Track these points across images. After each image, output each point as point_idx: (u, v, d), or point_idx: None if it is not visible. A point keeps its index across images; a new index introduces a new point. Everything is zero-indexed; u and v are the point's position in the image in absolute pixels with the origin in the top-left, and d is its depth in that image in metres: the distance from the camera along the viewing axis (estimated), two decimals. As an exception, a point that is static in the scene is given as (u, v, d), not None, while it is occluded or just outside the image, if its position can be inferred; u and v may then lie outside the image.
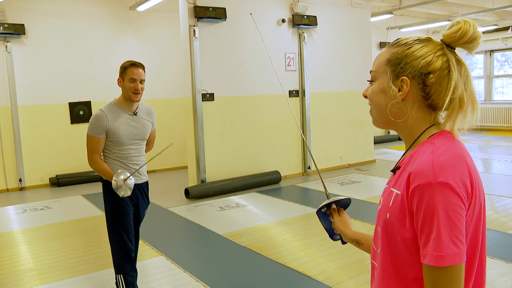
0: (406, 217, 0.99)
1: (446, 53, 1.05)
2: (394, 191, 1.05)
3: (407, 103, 1.07)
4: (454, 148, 1.02)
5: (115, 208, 2.81)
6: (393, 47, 1.11)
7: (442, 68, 1.04)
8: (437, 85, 1.04)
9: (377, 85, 1.12)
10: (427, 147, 1.03)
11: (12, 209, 6.07)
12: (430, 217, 0.93)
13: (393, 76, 1.08)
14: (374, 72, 1.14)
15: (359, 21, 8.47)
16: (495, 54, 13.68)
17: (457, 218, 0.93)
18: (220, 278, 3.60)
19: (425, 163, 0.97)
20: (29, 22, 7.34)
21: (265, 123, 7.37)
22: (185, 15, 6.50)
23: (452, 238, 0.92)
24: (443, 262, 0.92)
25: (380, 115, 1.13)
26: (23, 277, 3.72)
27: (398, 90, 1.07)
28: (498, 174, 7.31)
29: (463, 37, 1.03)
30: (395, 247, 1.04)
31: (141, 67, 2.81)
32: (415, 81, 1.05)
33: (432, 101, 1.06)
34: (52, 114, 7.65)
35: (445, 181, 0.94)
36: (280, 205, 5.84)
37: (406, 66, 1.06)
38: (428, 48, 1.05)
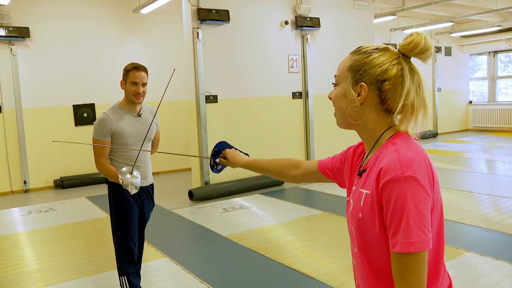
0: (375, 213, 1.08)
1: (401, 62, 1.14)
2: (363, 192, 1.13)
3: (365, 107, 1.16)
4: (415, 146, 1.11)
5: (120, 210, 2.82)
6: (354, 54, 1.19)
7: (396, 76, 1.12)
8: (391, 91, 1.13)
9: (339, 89, 1.21)
10: (390, 147, 1.11)
11: (17, 211, 6.09)
12: (399, 208, 1.02)
13: (353, 81, 1.17)
14: (338, 77, 1.22)
15: (362, 22, 8.48)
16: (499, 55, 13.64)
17: (423, 208, 1.02)
18: (224, 279, 3.61)
19: (392, 160, 1.06)
20: (34, 25, 7.38)
21: (268, 125, 7.37)
22: (189, 18, 6.52)
23: (420, 226, 1.01)
24: (413, 248, 1.00)
25: (342, 117, 1.22)
26: (28, 279, 3.73)
27: (357, 95, 1.16)
28: (502, 176, 7.29)
29: (415, 48, 1.12)
30: (369, 244, 1.13)
31: (144, 70, 2.81)
32: (372, 87, 1.14)
33: (388, 105, 1.15)
34: (56, 116, 7.68)
35: (412, 175, 1.03)
36: (283, 207, 5.84)
37: (365, 73, 1.15)
38: (385, 57, 1.14)
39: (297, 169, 1.60)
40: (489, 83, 13.87)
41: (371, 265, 1.14)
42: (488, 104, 13.76)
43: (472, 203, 5.57)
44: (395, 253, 1.03)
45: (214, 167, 1.82)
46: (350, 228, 1.21)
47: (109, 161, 2.83)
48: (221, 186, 6.54)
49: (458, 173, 7.59)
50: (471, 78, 14.31)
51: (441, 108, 13.09)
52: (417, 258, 1.01)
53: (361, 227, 1.13)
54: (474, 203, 5.57)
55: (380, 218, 1.07)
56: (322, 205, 5.76)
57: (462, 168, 7.99)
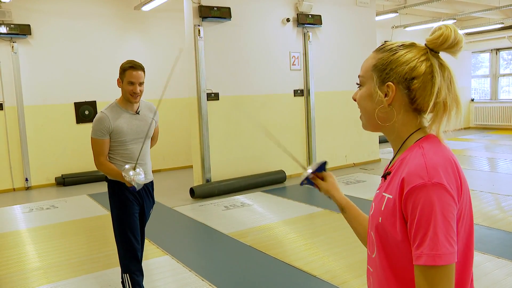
0: (397, 220, 1.02)
1: (429, 58, 1.08)
2: (386, 196, 1.07)
3: (393, 108, 1.10)
4: (443, 151, 1.05)
5: (121, 207, 2.81)
6: (379, 52, 1.14)
7: (425, 73, 1.07)
8: (421, 89, 1.07)
9: (364, 90, 1.15)
10: (416, 151, 1.05)
11: (19, 209, 6.10)
12: (426, 218, 0.95)
13: (379, 81, 1.11)
14: (362, 77, 1.16)
15: (364, 20, 8.45)
16: (501, 52, 13.59)
17: (451, 218, 0.96)
18: (225, 277, 3.61)
19: (418, 166, 1.00)
20: (35, 23, 7.38)
21: (270, 122, 7.36)
22: (190, 15, 6.50)
23: (448, 237, 0.95)
24: (440, 261, 0.94)
25: (369, 119, 1.16)
26: (29, 276, 3.74)
27: (384, 95, 1.10)
28: (504, 174, 7.27)
29: (445, 43, 1.06)
30: (390, 250, 1.06)
31: (141, 69, 2.77)
32: (400, 86, 1.08)
33: (417, 105, 1.09)
34: (57, 114, 7.68)
35: (439, 182, 0.97)
36: (285, 205, 5.83)
37: (391, 72, 1.09)
38: (412, 54, 1.08)
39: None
40: (491, 80, 13.83)
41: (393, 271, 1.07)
42: (490, 102, 13.72)
43: (474, 201, 5.56)
44: (420, 266, 0.96)
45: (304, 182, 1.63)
46: (369, 233, 1.16)
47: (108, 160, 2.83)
48: (222, 183, 6.54)
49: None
50: (473, 75, 14.27)
51: (443, 106, 13.04)
52: (445, 271, 0.95)
53: (381, 232, 1.08)
54: (476, 201, 5.56)
55: (403, 226, 1.01)
56: (324, 202, 5.75)
57: (464, 166, 7.98)
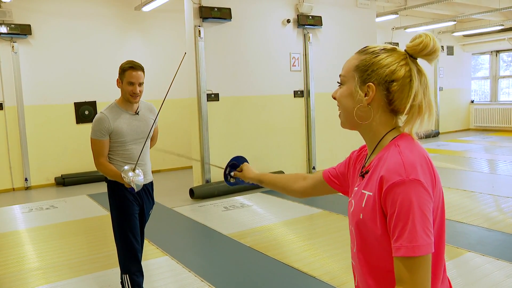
0: (377, 215, 1.08)
1: (408, 63, 1.14)
2: (365, 193, 1.13)
3: (372, 107, 1.16)
4: (417, 149, 1.12)
5: (120, 207, 2.81)
6: (361, 54, 1.19)
7: (404, 77, 1.12)
8: (399, 92, 1.13)
9: (345, 89, 1.20)
10: (393, 149, 1.11)
11: (18, 209, 6.10)
12: (405, 212, 1.01)
13: (360, 81, 1.16)
14: (343, 76, 1.22)
15: (364, 21, 8.46)
16: (501, 54, 13.60)
17: (427, 212, 1.02)
18: (225, 278, 3.61)
19: (396, 163, 1.06)
20: (35, 23, 7.38)
21: (270, 123, 7.36)
22: (190, 16, 6.51)
23: (425, 229, 1.01)
24: (419, 251, 1.00)
25: (347, 117, 1.21)
26: (29, 276, 3.73)
27: (364, 95, 1.16)
28: (504, 175, 7.27)
29: (423, 50, 1.12)
30: (369, 244, 1.13)
31: (140, 70, 2.77)
32: (380, 87, 1.14)
33: (395, 106, 1.15)
34: (57, 114, 7.68)
35: (416, 178, 1.03)
36: (284, 205, 5.83)
37: (373, 73, 1.14)
38: (393, 58, 1.14)
39: (304, 181, 1.60)
40: (491, 82, 13.83)
41: (370, 266, 1.15)
42: (490, 103, 13.72)
43: (473, 202, 5.56)
44: (399, 257, 1.02)
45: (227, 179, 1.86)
46: (351, 229, 1.22)
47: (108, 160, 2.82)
48: (222, 184, 6.53)
49: (460, 173, 7.58)
50: (473, 77, 14.27)
51: (443, 107, 13.06)
52: (423, 261, 1.01)
53: (361, 228, 1.13)
54: (475, 202, 5.55)
55: (382, 220, 1.07)
56: (323, 204, 5.75)
57: (463, 168, 7.98)
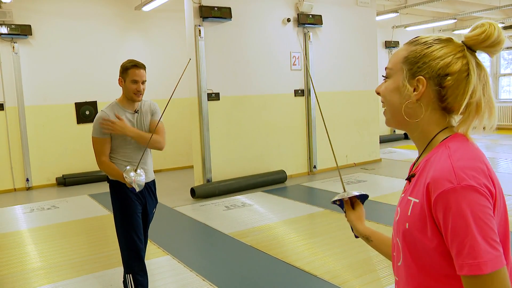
0: (428, 226, 0.95)
1: (466, 56, 1.01)
2: (412, 200, 1.01)
3: (421, 104, 1.04)
4: (471, 150, 0.99)
5: (123, 207, 2.80)
6: (411, 45, 1.07)
7: (461, 71, 1.00)
8: (454, 88, 1.00)
9: (391, 82, 1.09)
10: (442, 151, 0.99)
11: (20, 209, 6.11)
12: (461, 224, 0.88)
13: (409, 75, 1.04)
14: (390, 69, 1.10)
15: (365, 20, 8.45)
16: (502, 52, 13.56)
17: (488, 220, 0.89)
18: (226, 277, 3.61)
19: (445, 168, 0.93)
20: (36, 23, 7.38)
21: (270, 122, 7.37)
22: (191, 15, 6.51)
23: (489, 241, 0.87)
24: (486, 268, 0.86)
25: (393, 114, 1.09)
26: (30, 276, 3.74)
27: (413, 90, 1.04)
28: (505, 173, 7.27)
29: (486, 40, 1.00)
30: (420, 256, 0.99)
31: (143, 68, 2.80)
32: (431, 82, 1.02)
33: (448, 104, 1.02)
34: (58, 114, 7.69)
35: (469, 184, 0.90)
36: (286, 205, 5.84)
37: (424, 65, 1.02)
38: (448, 49, 1.02)
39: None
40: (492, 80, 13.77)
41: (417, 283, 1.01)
42: (490, 101, 13.70)
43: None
44: (466, 276, 0.88)
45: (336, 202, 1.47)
46: (395, 240, 1.08)
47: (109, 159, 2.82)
48: (223, 183, 6.54)
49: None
50: (474, 75, 14.26)
51: (444, 105, 13.05)
52: (494, 278, 0.87)
53: (408, 239, 1.00)
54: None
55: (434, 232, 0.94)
56: (324, 202, 5.75)
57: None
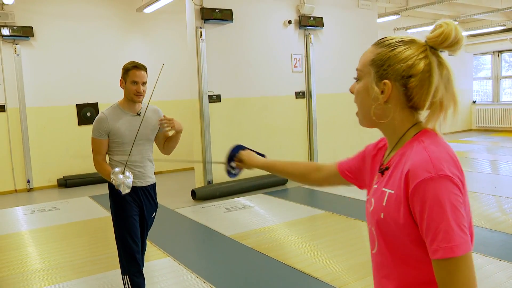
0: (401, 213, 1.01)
1: (428, 56, 1.05)
2: (387, 191, 1.06)
3: (390, 105, 1.08)
4: (443, 144, 1.05)
5: (119, 208, 2.81)
6: (377, 47, 1.11)
7: (423, 71, 1.04)
8: (418, 87, 1.05)
9: (362, 84, 1.13)
10: (417, 145, 1.04)
11: (20, 210, 6.11)
12: (437, 211, 0.94)
13: (376, 77, 1.09)
14: (360, 71, 1.14)
15: (366, 22, 8.46)
16: (503, 54, 13.58)
17: (460, 207, 0.96)
18: (227, 279, 3.61)
19: (423, 159, 0.99)
20: (38, 25, 7.40)
21: (271, 124, 7.37)
22: (192, 17, 6.52)
23: (461, 226, 0.94)
24: (458, 251, 0.93)
25: (365, 115, 1.14)
26: (31, 278, 3.74)
27: (381, 92, 1.08)
28: (506, 176, 7.26)
29: (445, 41, 1.03)
30: (393, 244, 1.06)
31: (144, 69, 2.80)
32: (397, 83, 1.06)
33: (414, 102, 1.07)
34: (59, 115, 7.70)
35: (445, 174, 0.96)
36: (286, 207, 5.83)
37: (389, 68, 1.06)
38: (411, 51, 1.06)
39: (318, 172, 1.51)
40: (493, 83, 13.81)
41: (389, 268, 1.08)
42: (492, 104, 13.70)
43: (476, 203, 5.54)
44: (439, 259, 0.95)
45: (231, 172, 1.78)
46: (370, 229, 1.14)
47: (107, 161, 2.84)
48: (224, 185, 6.54)
49: (462, 173, 7.55)
50: (475, 77, 14.26)
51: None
52: (465, 260, 0.94)
53: (383, 228, 1.07)
54: (478, 203, 5.54)
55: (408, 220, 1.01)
56: (325, 205, 5.75)
57: (465, 168, 7.92)
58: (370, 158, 1.28)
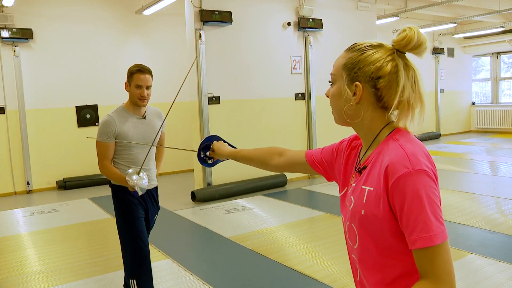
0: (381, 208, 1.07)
1: (395, 58, 1.12)
2: (366, 189, 1.12)
3: (361, 106, 1.15)
4: (416, 141, 1.12)
5: (127, 211, 2.77)
6: (349, 52, 1.19)
7: (391, 73, 1.11)
8: (387, 88, 1.12)
9: (335, 88, 1.21)
10: (392, 143, 1.10)
11: (20, 212, 6.11)
12: (415, 203, 1.00)
13: (348, 80, 1.16)
14: (333, 75, 1.22)
15: (365, 24, 8.47)
16: (502, 56, 13.60)
17: (436, 199, 1.02)
18: (226, 280, 3.61)
19: (400, 156, 1.05)
20: (37, 27, 7.41)
21: (271, 126, 7.37)
22: (191, 19, 6.53)
23: (438, 217, 1.01)
24: (436, 240, 0.99)
25: (339, 115, 1.21)
26: (30, 280, 3.74)
27: (353, 94, 1.15)
28: (505, 177, 7.26)
29: (408, 44, 1.10)
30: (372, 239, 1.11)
31: (148, 73, 2.77)
32: (367, 85, 1.13)
33: (384, 103, 1.14)
34: (59, 117, 7.70)
35: (422, 168, 1.02)
36: (286, 208, 5.83)
37: (359, 71, 1.14)
38: (379, 54, 1.13)
39: (280, 157, 1.56)
40: (492, 84, 13.83)
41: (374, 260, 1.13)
42: (491, 105, 13.72)
43: (475, 204, 5.55)
44: (419, 249, 1.00)
45: (205, 161, 1.83)
46: (350, 225, 1.19)
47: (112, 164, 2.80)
48: (223, 187, 6.54)
49: (461, 175, 7.57)
50: (474, 79, 14.28)
51: (444, 109, 13.06)
52: (443, 248, 1.00)
53: (365, 223, 1.12)
54: (477, 204, 5.55)
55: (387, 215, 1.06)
56: (325, 206, 5.75)
57: (465, 170, 7.97)
58: (343, 155, 1.33)
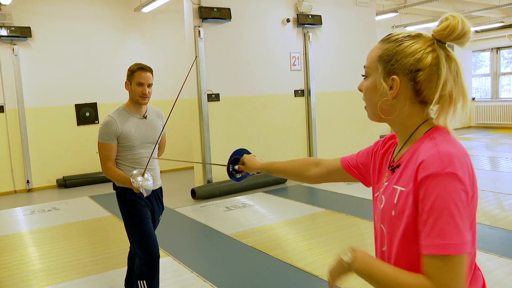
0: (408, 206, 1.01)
1: (436, 49, 1.04)
2: (398, 189, 1.05)
3: (398, 101, 1.07)
4: (454, 142, 1.04)
5: (135, 213, 2.75)
6: (384, 43, 1.10)
7: (431, 65, 1.03)
8: (427, 81, 1.04)
9: (370, 81, 1.12)
10: (428, 141, 1.04)
11: (20, 211, 6.11)
12: (437, 206, 0.93)
13: (384, 73, 1.08)
14: (367, 68, 1.14)
15: (364, 20, 8.45)
16: (502, 51, 13.58)
17: (463, 207, 0.94)
18: (227, 278, 3.61)
19: (432, 155, 0.98)
20: (36, 25, 7.39)
21: (270, 123, 7.36)
22: (190, 16, 6.51)
23: (459, 227, 0.92)
24: (451, 250, 0.91)
25: (373, 111, 1.14)
26: (31, 278, 3.74)
27: (389, 88, 1.07)
28: (505, 172, 7.26)
29: (451, 34, 1.03)
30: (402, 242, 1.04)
31: (149, 71, 2.77)
32: (406, 78, 1.06)
33: (423, 97, 1.06)
34: (58, 116, 7.69)
35: (453, 172, 0.95)
36: (286, 205, 5.83)
37: (397, 63, 1.06)
38: (418, 45, 1.05)
39: (316, 167, 1.49)
40: (492, 79, 13.81)
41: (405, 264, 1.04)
42: (491, 100, 13.70)
43: (475, 200, 5.54)
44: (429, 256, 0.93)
45: (233, 175, 1.78)
46: (380, 226, 1.13)
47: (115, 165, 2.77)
48: (223, 184, 6.54)
49: (461, 170, 7.55)
50: (474, 75, 14.26)
51: (444, 105, 13.03)
52: (457, 261, 0.91)
53: (395, 225, 1.05)
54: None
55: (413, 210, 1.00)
56: (325, 203, 5.75)
57: (465, 165, 7.95)
58: (379, 155, 1.26)
